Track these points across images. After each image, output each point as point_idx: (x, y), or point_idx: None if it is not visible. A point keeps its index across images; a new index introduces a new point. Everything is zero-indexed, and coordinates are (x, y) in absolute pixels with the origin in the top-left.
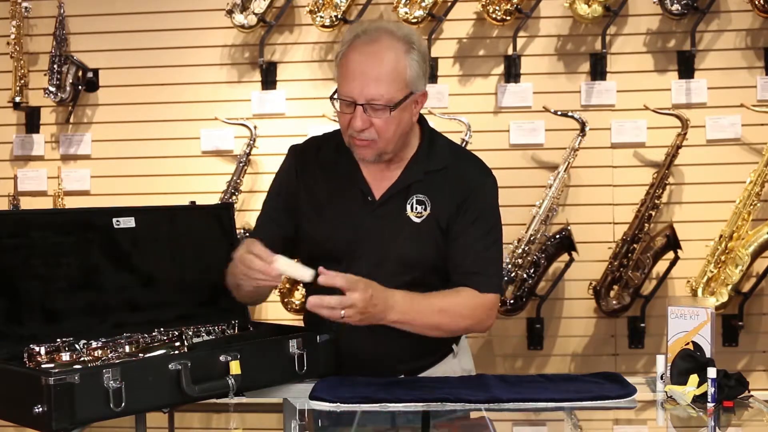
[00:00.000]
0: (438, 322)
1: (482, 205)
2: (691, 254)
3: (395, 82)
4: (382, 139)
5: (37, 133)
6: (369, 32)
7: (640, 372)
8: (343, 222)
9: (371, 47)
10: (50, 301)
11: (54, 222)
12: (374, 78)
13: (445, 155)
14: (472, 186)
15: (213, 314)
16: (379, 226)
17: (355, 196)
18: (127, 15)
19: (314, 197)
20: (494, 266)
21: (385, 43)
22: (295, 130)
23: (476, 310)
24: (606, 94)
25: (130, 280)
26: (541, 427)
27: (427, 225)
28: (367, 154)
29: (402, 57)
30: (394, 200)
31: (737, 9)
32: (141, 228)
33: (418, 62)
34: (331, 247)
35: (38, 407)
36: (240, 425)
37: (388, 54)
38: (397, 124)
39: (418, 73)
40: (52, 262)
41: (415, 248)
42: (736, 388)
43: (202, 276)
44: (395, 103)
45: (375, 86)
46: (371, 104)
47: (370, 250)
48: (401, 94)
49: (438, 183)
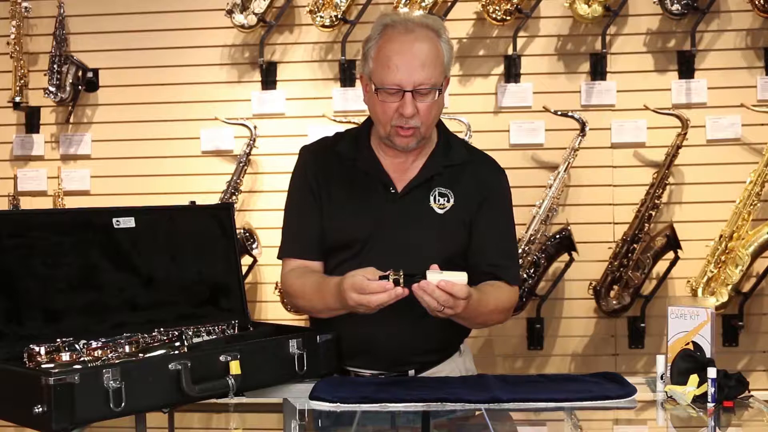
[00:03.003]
0: (486, 319)
1: (504, 201)
2: (691, 254)
3: (437, 66)
4: (425, 125)
5: (37, 133)
6: (401, 23)
7: (640, 372)
8: (365, 214)
9: (409, 36)
10: (50, 301)
11: (54, 222)
12: (420, 64)
13: (462, 152)
14: (493, 182)
15: (213, 314)
16: (402, 217)
17: (377, 188)
18: (127, 15)
19: (333, 193)
20: (516, 262)
21: (420, 32)
22: (295, 130)
23: (511, 302)
24: (606, 94)
25: (130, 280)
26: (541, 427)
27: (450, 217)
28: (410, 142)
29: (437, 43)
30: (417, 192)
31: (737, 9)
32: (141, 228)
33: (448, 50)
34: (352, 239)
35: (38, 407)
36: (240, 425)
37: (427, 41)
38: (438, 107)
39: (449, 58)
40: (52, 262)
41: (437, 239)
42: (736, 388)
43: (202, 276)
44: (439, 86)
45: (422, 71)
46: (419, 90)
47: (392, 241)
48: (442, 77)
49: (459, 177)
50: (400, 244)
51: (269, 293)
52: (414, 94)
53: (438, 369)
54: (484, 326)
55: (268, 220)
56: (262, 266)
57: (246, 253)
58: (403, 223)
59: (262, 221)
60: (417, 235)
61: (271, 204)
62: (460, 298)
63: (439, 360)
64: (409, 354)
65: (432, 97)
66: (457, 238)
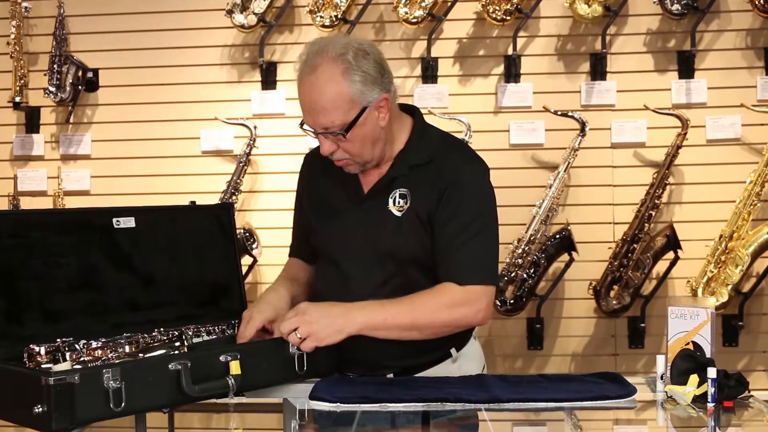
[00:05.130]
0: (411, 322)
1: (463, 196)
2: (691, 254)
3: (340, 107)
4: (354, 155)
5: (37, 133)
6: (308, 60)
7: (640, 372)
8: (334, 219)
9: (310, 77)
10: (50, 301)
11: (54, 222)
12: (320, 110)
13: (431, 148)
14: (452, 177)
15: (213, 314)
16: (363, 220)
17: (348, 193)
18: (127, 15)
19: (318, 200)
20: (477, 257)
21: (321, 71)
22: (295, 130)
23: (453, 300)
24: (606, 94)
25: (130, 280)
26: (541, 427)
27: (407, 218)
28: (351, 169)
29: (341, 80)
30: (378, 195)
31: (737, 9)
32: (141, 228)
33: (362, 77)
34: (324, 244)
35: (38, 407)
36: (240, 425)
37: (327, 84)
38: (361, 139)
39: (363, 88)
40: (52, 262)
41: (395, 241)
42: (736, 388)
43: (202, 276)
44: (348, 125)
45: (323, 116)
46: (328, 131)
47: (355, 244)
48: (352, 114)
49: (421, 176)
50: (362, 247)
51: None
52: (328, 135)
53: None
54: (422, 332)
55: (268, 220)
56: (262, 266)
57: (246, 253)
58: (363, 227)
59: (262, 221)
60: (375, 238)
61: (271, 204)
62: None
63: (423, 366)
64: (386, 358)
65: (342, 138)
66: (416, 239)
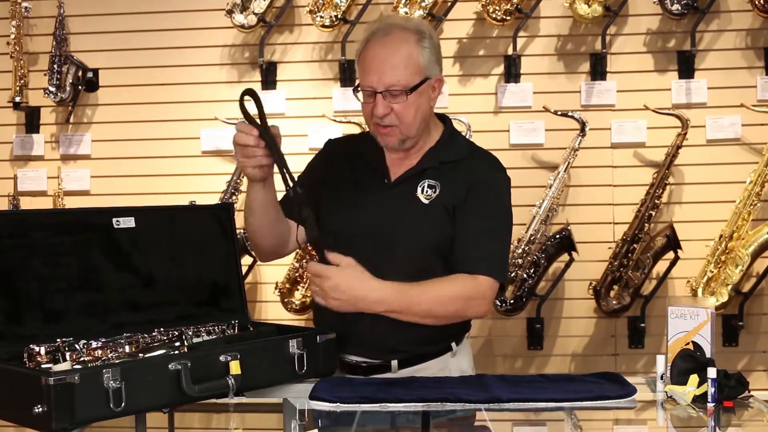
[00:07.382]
0: (428, 308)
1: (489, 198)
2: (691, 254)
3: (410, 67)
4: (403, 124)
5: (37, 133)
6: (382, 28)
7: (640, 372)
8: (355, 203)
9: (384, 39)
10: (50, 301)
11: (54, 222)
12: (391, 66)
13: (462, 150)
14: (482, 177)
15: (213, 314)
16: (388, 205)
17: (374, 180)
18: (127, 15)
19: (337, 187)
20: (493, 253)
21: (397, 35)
22: (295, 130)
23: (465, 291)
24: (606, 94)
25: (130, 280)
26: (541, 427)
27: (434, 206)
28: (390, 141)
29: (414, 45)
30: (407, 183)
31: (737, 9)
32: (141, 228)
33: (430, 49)
34: (338, 226)
35: (38, 407)
36: (240, 425)
37: (401, 43)
38: (416, 108)
39: (430, 59)
40: (52, 262)
41: (419, 226)
42: (736, 388)
43: (202, 276)
44: (411, 87)
45: (392, 73)
46: (390, 91)
47: (377, 224)
48: (417, 78)
49: (452, 172)
50: (382, 231)
51: (269, 293)
52: (387, 95)
53: (425, 366)
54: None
55: None
56: (262, 266)
57: (246, 253)
58: (389, 211)
59: None
60: (398, 223)
61: None
62: (319, 275)
63: (426, 356)
64: (393, 342)
65: (403, 98)
66: (440, 226)
